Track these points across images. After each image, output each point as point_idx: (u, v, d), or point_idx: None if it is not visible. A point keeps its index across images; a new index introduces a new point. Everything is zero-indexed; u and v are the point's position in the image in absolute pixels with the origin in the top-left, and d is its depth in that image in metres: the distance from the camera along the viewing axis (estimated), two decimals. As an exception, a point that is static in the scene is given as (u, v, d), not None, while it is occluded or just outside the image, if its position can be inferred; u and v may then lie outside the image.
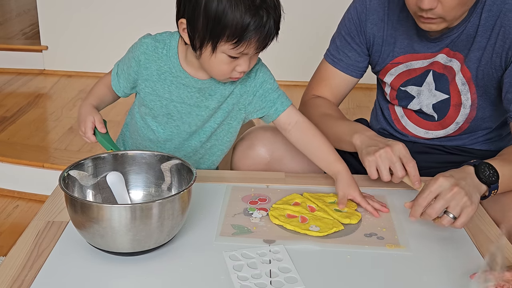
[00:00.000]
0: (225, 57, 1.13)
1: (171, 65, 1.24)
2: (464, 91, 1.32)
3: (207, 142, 1.34)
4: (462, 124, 1.37)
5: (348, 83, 1.49)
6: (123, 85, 1.31)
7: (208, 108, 1.27)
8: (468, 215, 1.06)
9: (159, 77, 1.25)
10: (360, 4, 1.42)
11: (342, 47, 1.46)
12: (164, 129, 1.31)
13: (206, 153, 1.37)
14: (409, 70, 1.38)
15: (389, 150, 1.18)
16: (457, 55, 1.31)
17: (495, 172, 1.12)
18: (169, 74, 1.25)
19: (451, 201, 1.06)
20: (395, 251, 1.07)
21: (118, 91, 1.32)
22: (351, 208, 1.20)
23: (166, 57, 1.24)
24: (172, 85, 1.25)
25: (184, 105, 1.27)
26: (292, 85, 3.34)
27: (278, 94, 1.29)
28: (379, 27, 1.40)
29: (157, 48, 1.24)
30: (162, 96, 1.26)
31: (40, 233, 1.09)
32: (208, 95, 1.26)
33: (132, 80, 1.29)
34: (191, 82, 1.24)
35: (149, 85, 1.26)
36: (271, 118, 1.31)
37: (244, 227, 1.12)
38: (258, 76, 1.28)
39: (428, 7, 1.16)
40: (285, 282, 0.96)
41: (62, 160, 2.40)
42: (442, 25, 1.22)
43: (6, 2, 5.20)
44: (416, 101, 1.40)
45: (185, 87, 1.25)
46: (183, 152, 1.35)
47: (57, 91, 3.28)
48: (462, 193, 1.06)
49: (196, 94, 1.26)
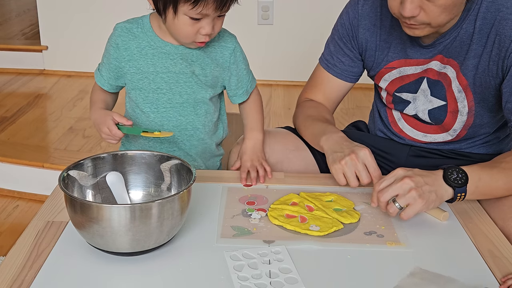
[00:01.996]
0: (187, 19, 1.18)
1: (148, 39, 1.29)
2: (461, 99, 1.32)
3: (201, 114, 1.36)
4: (460, 131, 1.37)
5: (342, 88, 1.50)
6: (106, 76, 1.34)
7: (194, 73, 1.30)
8: (414, 208, 1.09)
9: (140, 54, 1.29)
10: (352, 9, 1.41)
11: (335, 52, 1.46)
12: (157, 107, 1.33)
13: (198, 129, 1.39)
14: (402, 76, 1.38)
15: (354, 157, 1.21)
16: (451, 61, 1.30)
17: (463, 176, 1.13)
18: (149, 47, 1.29)
19: (399, 191, 1.10)
20: (395, 248, 1.07)
21: (103, 85, 1.35)
22: (350, 207, 1.20)
23: (142, 33, 1.29)
24: (155, 57, 1.29)
25: (170, 74, 1.30)
26: (292, 85, 3.35)
27: (249, 77, 1.39)
28: (371, 32, 1.39)
29: (132, 29, 1.30)
30: (148, 71, 1.29)
31: (39, 233, 1.09)
32: (191, 61, 1.30)
33: (114, 68, 1.32)
34: (172, 49, 1.29)
35: (133, 65, 1.30)
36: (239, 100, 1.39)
37: (244, 229, 1.12)
38: (236, 54, 1.34)
39: (410, 15, 1.16)
40: (285, 282, 0.96)
41: (62, 160, 2.40)
42: (427, 30, 1.21)
43: (6, 2, 5.20)
44: (411, 106, 1.40)
45: (167, 56, 1.29)
46: (185, 132, 1.36)
47: (57, 91, 3.28)
48: (411, 185, 1.09)
49: (180, 60, 1.29)
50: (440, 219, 1.17)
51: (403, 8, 1.16)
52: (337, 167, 1.23)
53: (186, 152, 1.38)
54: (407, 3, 1.15)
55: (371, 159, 1.22)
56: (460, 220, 1.17)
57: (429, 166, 1.38)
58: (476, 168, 1.16)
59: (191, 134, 1.37)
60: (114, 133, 1.23)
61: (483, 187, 1.15)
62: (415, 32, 1.22)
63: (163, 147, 1.37)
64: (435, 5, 1.15)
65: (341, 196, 1.24)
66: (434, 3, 1.14)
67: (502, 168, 1.17)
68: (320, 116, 1.43)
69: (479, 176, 1.14)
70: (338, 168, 1.23)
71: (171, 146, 1.37)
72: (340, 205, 1.20)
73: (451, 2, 1.15)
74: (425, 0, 1.14)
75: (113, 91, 1.38)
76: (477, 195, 1.17)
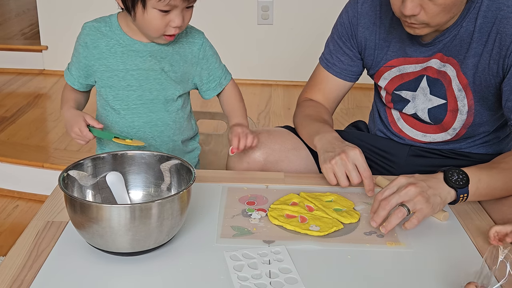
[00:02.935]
0: (156, 12, 1.20)
1: (117, 38, 1.31)
2: (461, 97, 1.32)
3: (172, 110, 1.37)
4: (460, 130, 1.37)
5: (342, 88, 1.50)
6: (76, 74, 1.35)
7: (164, 70, 1.32)
8: (422, 213, 1.08)
9: (109, 52, 1.31)
10: (351, 8, 1.42)
11: (335, 51, 1.46)
12: (128, 104, 1.34)
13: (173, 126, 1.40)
14: (402, 75, 1.38)
15: (344, 157, 1.22)
16: (451, 60, 1.30)
17: (464, 177, 1.12)
18: (118, 45, 1.31)
19: (404, 198, 1.08)
20: (395, 248, 1.07)
21: (74, 84, 1.37)
22: (350, 207, 1.20)
23: (110, 31, 1.31)
24: (124, 55, 1.31)
25: (140, 71, 1.31)
26: (292, 85, 3.35)
27: (222, 69, 1.41)
28: (371, 31, 1.40)
29: (100, 27, 1.32)
30: (117, 69, 1.31)
31: (39, 233, 1.09)
32: (160, 58, 1.32)
33: (83, 66, 1.33)
34: (141, 46, 1.31)
35: (102, 63, 1.31)
36: (214, 93, 1.41)
37: (244, 229, 1.12)
38: (205, 49, 1.36)
39: (410, 13, 1.17)
40: (285, 282, 0.96)
41: (62, 160, 2.40)
42: (426, 30, 1.22)
43: (6, 2, 5.20)
44: (411, 105, 1.40)
45: (136, 53, 1.31)
46: (155, 128, 1.37)
47: (57, 91, 3.27)
48: (417, 191, 1.08)
49: (149, 57, 1.31)
50: (440, 219, 1.17)
51: (404, 6, 1.17)
52: (328, 166, 1.23)
53: (157, 148, 1.39)
54: (408, 2, 1.16)
55: (362, 159, 1.22)
56: (460, 220, 1.17)
57: (429, 166, 1.38)
58: (475, 169, 1.16)
59: (161, 131, 1.38)
60: (84, 135, 1.25)
61: (483, 188, 1.15)
62: (416, 31, 1.23)
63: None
64: (435, 4, 1.15)
65: (341, 196, 1.24)
66: (434, 2, 1.15)
67: (501, 168, 1.17)
68: (318, 116, 1.44)
69: (478, 177, 1.14)
70: (329, 167, 1.23)
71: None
72: (340, 205, 1.20)
73: (450, 2, 1.16)
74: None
75: (84, 90, 1.39)
76: (478, 197, 1.16)
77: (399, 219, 1.07)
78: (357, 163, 1.22)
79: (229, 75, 1.43)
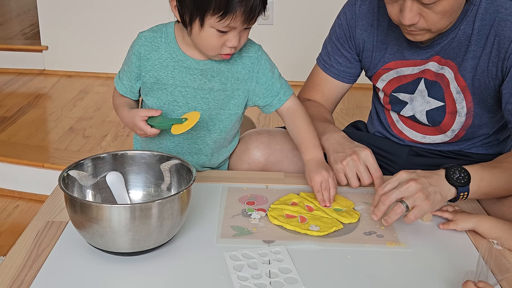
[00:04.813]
0: (213, 31, 1.16)
1: (171, 51, 1.26)
2: (459, 100, 1.32)
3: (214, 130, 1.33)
4: (458, 131, 1.36)
5: (340, 89, 1.50)
6: (128, 84, 1.31)
7: (212, 90, 1.28)
8: (421, 210, 1.08)
9: (161, 65, 1.27)
10: (349, 10, 1.41)
11: (333, 53, 1.46)
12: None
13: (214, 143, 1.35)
14: (399, 77, 1.38)
15: (355, 157, 1.22)
16: (449, 63, 1.30)
17: (466, 175, 1.12)
18: (171, 60, 1.26)
19: (405, 193, 1.08)
20: (395, 248, 1.07)
21: (125, 93, 1.32)
22: (350, 207, 1.20)
23: (165, 44, 1.26)
24: (175, 70, 1.26)
25: (188, 88, 1.27)
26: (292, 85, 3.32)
27: (281, 83, 1.32)
28: (368, 33, 1.39)
29: (155, 38, 1.27)
30: (166, 83, 1.27)
31: (39, 233, 1.09)
32: (211, 76, 1.27)
33: (134, 76, 1.29)
34: (193, 63, 1.26)
35: (152, 75, 1.27)
36: (273, 108, 1.33)
37: (244, 228, 1.12)
38: (260, 62, 1.30)
39: (410, 23, 1.16)
40: (285, 282, 0.96)
41: (62, 160, 2.40)
42: (427, 36, 1.21)
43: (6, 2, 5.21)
44: (409, 107, 1.39)
45: (187, 70, 1.26)
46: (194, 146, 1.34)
47: (57, 91, 3.27)
48: (418, 187, 1.08)
49: (199, 76, 1.27)
50: (423, 220, 1.16)
51: (403, 16, 1.16)
52: (339, 167, 1.23)
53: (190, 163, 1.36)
54: (406, 12, 1.14)
55: (373, 160, 1.23)
56: (460, 220, 1.17)
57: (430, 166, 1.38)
58: (478, 167, 1.15)
59: (199, 148, 1.34)
60: (150, 133, 1.21)
61: (485, 187, 1.15)
62: (416, 37, 1.22)
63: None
64: (434, 11, 1.14)
65: (341, 196, 1.24)
66: (433, 10, 1.14)
67: (504, 168, 1.17)
68: (320, 115, 1.44)
69: (481, 176, 1.14)
70: (340, 168, 1.23)
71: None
72: (340, 205, 1.21)
73: (449, 8, 1.15)
74: (424, 8, 1.14)
75: (136, 99, 1.35)
76: (479, 195, 1.17)
77: (398, 215, 1.08)
78: (368, 164, 1.22)
79: (289, 90, 1.33)
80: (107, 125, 2.77)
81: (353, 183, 1.23)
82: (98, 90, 3.29)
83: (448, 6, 1.14)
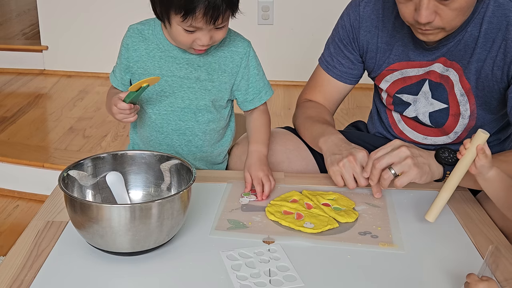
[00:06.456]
0: (180, 29, 1.18)
1: (157, 42, 1.29)
2: (463, 102, 1.31)
3: (202, 121, 1.34)
4: (461, 133, 1.36)
5: (342, 90, 1.50)
6: (119, 76, 1.34)
7: (199, 79, 1.30)
8: (408, 176, 1.13)
9: (148, 56, 1.30)
10: (353, 11, 1.40)
11: (335, 54, 1.46)
12: (159, 109, 1.32)
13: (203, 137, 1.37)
14: (404, 78, 1.37)
15: (352, 159, 1.23)
16: (454, 65, 1.29)
17: (454, 155, 1.16)
18: (157, 50, 1.29)
19: (395, 158, 1.14)
20: (387, 249, 1.07)
21: (118, 86, 1.35)
22: (350, 207, 1.20)
23: (153, 35, 1.30)
24: (161, 60, 1.29)
25: (174, 78, 1.30)
26: (292, 85, 3.34)
27: (264, 82, 1.36)
28: (372, 34, 1.39)
29: (143, 30, 1.31)
30: (153, 73, 1.29)
31: (39, 233, 1.09)
32: (197, 66, 1.29)
33: (124, 68, 1.33)
34: (179, 53, 1.29)
35: (140, 66, 1.31)
36: (252, 105, 1.36)
37: (240, 222, 1.13)
38: (248, 59, 1.33)
39: (426, 21, 1.15)
40: (284, 280, 0.96)
41: (62, 160, 2.40)
42: (441, 35, 1.21)
43: (6, 2, 5.21)
44: (412, 108, 1.39)
45: (173, 60, 1.29)
46: (183, 137, 1.35)
47: (57, 91, 3.28)
48: (408, 154, 1.14)
49: (185, 65, 1.29)
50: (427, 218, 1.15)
51: (419, 15, 1.14)
52: (335, 169, 1.24)
53: (183, 157, 1.37)
54: (423, 10, 1.13)
55: None
56: (460, 220, 1.17)
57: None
58: None
59: (189, 140, 1.36)
60: (119, 106, 1.20)
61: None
62: (429, 37, 1.21)
63: (161, 148, 1.36)
64: (450, 8, 1.14)
65: (343, 196, 1.24)
66: (449, 7, 1.13)
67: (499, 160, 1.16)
68: (320, 117, 1.43)
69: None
70: (336, 170, 1.24)
71: (168, 150, 1.36)
72: (340, 204, 1.21)
73: (465, 5, 1.14)
74: (440, 5, 1.13)
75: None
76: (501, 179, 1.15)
77: (386, 181, 1.15)
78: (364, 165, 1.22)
79: (271, 91, 1.37)
80: (107, 125, 2.77)
81: (350, 185, 1.23)
82: (98, 90, 3.29)
83: (464, 2, 1.13)
